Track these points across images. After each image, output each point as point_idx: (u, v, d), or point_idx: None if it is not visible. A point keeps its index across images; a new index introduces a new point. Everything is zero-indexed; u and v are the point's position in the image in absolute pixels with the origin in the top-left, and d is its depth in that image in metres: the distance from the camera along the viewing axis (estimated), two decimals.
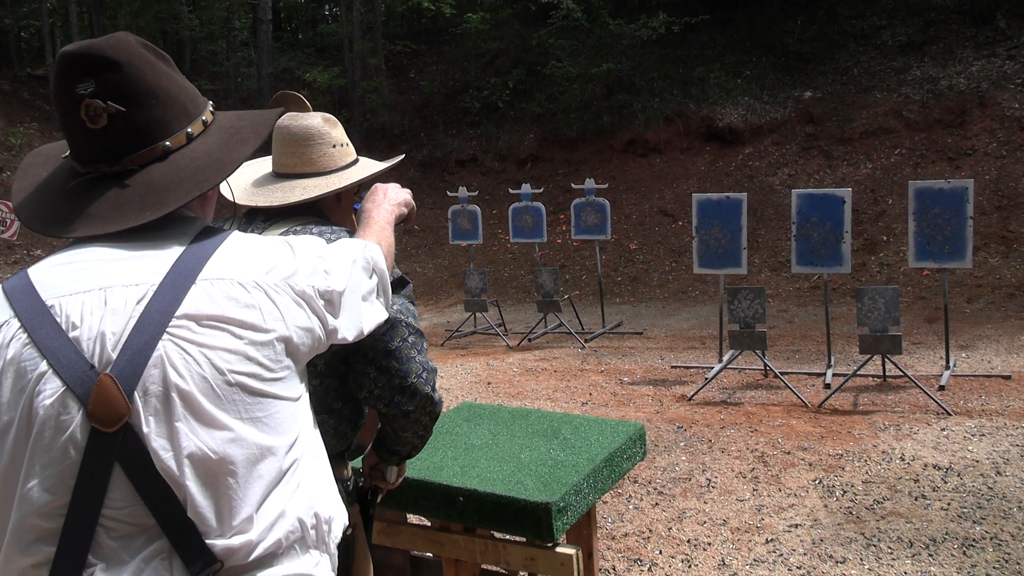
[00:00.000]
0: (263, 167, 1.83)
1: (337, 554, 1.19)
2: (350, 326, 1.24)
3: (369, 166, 1.83)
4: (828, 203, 5.75)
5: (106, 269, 1.05)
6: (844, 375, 5.60)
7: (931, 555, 3.28)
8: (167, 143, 1.13)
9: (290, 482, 1.08)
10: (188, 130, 1.16)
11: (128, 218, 1.09)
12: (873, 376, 5.74)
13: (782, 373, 5.76)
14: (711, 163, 11.97)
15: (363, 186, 1.84)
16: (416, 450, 1.77)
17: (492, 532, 2.13)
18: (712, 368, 6.09)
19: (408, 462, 2.19)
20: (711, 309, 8.74)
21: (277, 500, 1.06)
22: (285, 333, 1.09)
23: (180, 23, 17.91)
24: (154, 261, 1.07)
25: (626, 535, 3.63)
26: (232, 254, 1.11)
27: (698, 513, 3.80)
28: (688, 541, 3.54)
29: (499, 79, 14.56)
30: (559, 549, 1.97)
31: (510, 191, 9.19)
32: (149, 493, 0.98)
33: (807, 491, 3.96)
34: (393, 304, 1.56)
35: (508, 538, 2.08)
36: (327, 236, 1.61)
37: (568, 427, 2.45)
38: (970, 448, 4.35)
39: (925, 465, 4.16)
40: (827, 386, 5.61)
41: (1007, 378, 5.60)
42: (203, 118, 1.20)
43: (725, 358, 6.14)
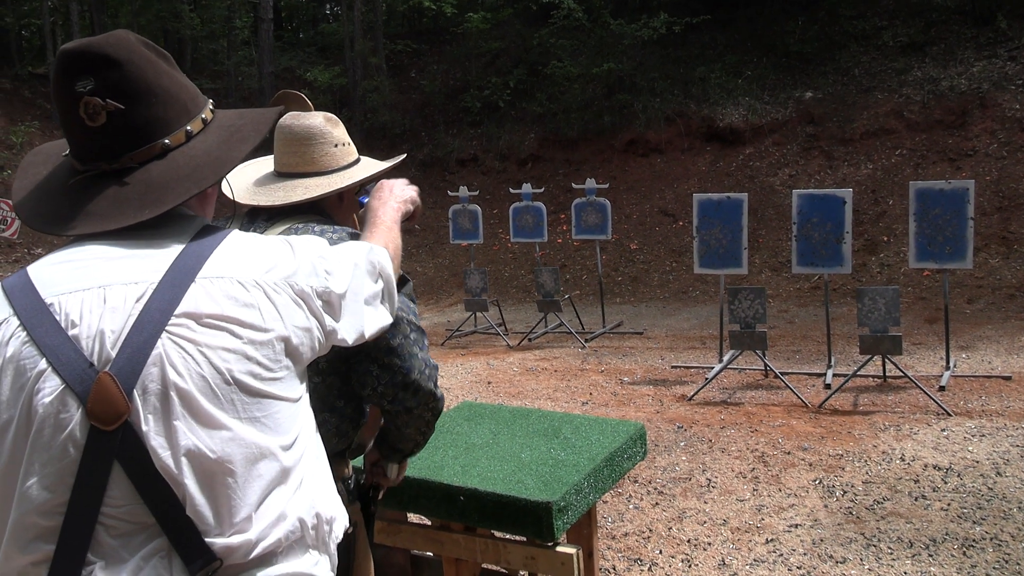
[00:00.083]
0: (265, 166, 1.83)
1: (337, 554, 1.19)
2: (350, 329, 1.23)
3: (371, 165, 1.83)
4: (829, 203, 5.76)
5: (105, 267, 1.05)
6: (844, 375, 5.60)
7: (931, 555, 3.28)
8: (166, 141, 1.13)
9: (290, 482, 1.08)
10: (188, 128, 1.16)
11: (127, 216, 1.09)
12: (873, 376, 5.74)
13: (782, 373, 5.77)
14: (712, 163, 11.97)
15: (364, 185, 1.85)
16: (419, 447, 1.78)
17: (492, 531, 2.13)
18: (712, 368, 6.09)
19: (409, 460, 2.20)
20: (711, 309, 8.74)
21: (277, 500, 1.06)
22: (284, 333, 1.09)
23: (181, 22, 17.91)
24: (154, 259, 1.06)
25: (626, 535, 3.64)
26: (232, 252, 1.10)
27: (698, 513, 3.80)
28: (688, 541, 3.55)
29: (500, 79, 14.56)
30: (559, 548, 1.97)
31: (511, 191, 9.19)
32: (148, 491, 0.98)
33: (807, 491, 3.96)
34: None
35: (508, 537, 2.08)
36: (329, 235, 1.62)
37: (569, 427, 2.46)
38: (970, 449, 4.35)
39: (925, 465, 4.16)
40: (827, 386, 5.62)
41: (1007, 379, 5.60)
42: (203, 116, 1.20)
43: (725, 358, 6.14)
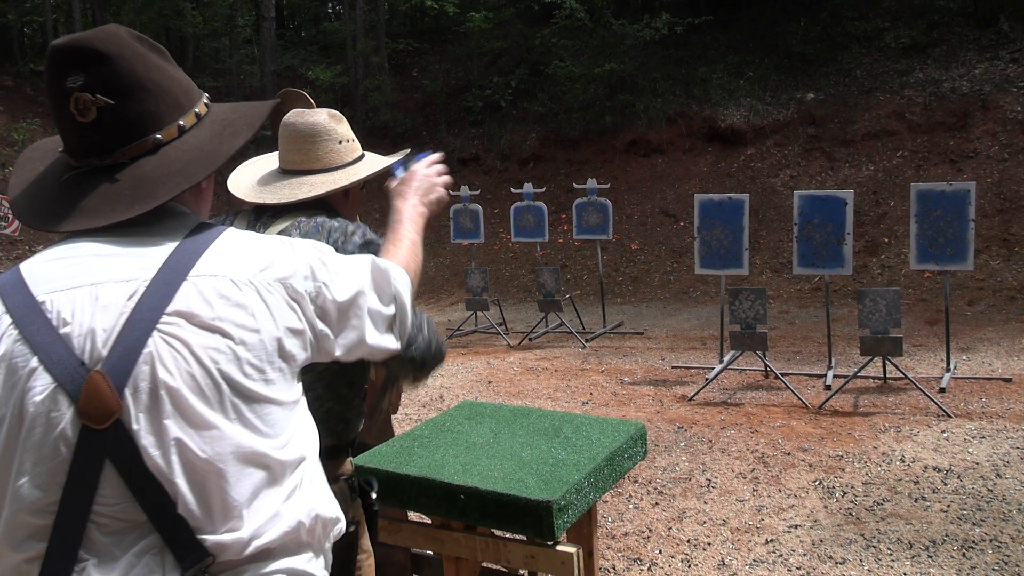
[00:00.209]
0: (270, 163, 1.83)
1: (332, 555, 1.18)
2: (343, 341, 1.20)
3: (375, 162, 1.83)
4: (830, 205, 5.76)
5: (98, 264, 1.04)
6: (845, 377, 5.60)
7: (931, 557, 3.28)
8: (158, 136, 1.12)
9: (285, 484, 1.07)
10: (180, 123, 1.15)
11: (118, 212, 1.07)
12: (874, 378, 5.74)
13: (783, 374, 5.77)
14: (713, 164, 11.97)
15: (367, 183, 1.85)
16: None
17: (493, 530, 2.13)
18: (713, 369, 6.10)
19: (409, 460, 2.20)
20: (712, 310, 8.74)
21: (271, 500, 1.05)
22: (276, 334, 1.07)
23: (183, 20, 17.89)
24: (146, 257, 1.06)
25: (626, 534, 3.64)
26: (226, 251, 1.09)
27: (698, 513, 3.81)
28: (688, 541, 3.55)
29: (502, 78, 14.56)
30: (560, 548, 1.97)
31: (512, 190, 9.19)
32: (140, 490, 0.97)
33: (807, 492, 3.96)
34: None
35: (509, 536, 2.08)
36: (334, 227, 1.63)
37: (569, 426, 2.45)
38: (970, 450, 4.35)
39: (925, 467, 4.16)
40: (828, 387, 5.62)
41: (1008, 381, 5.60)
42: (196, 110, 1.18)
43: (726, 359, 6.14)
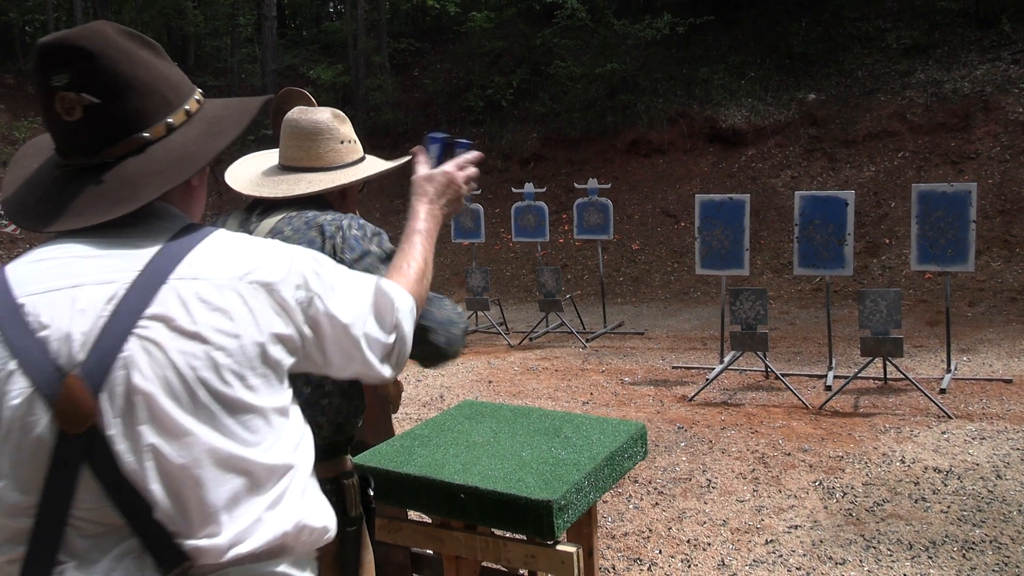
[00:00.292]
0: (270, 159, 1.83)
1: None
2: (334, 360, 1.17)
3: (375, 164, 1.83)
4: (831, 205, 5.76)
5: (80, 266, 1.03)
6: (845, 377, 5.60)
7: (931, 557, 3.28)
8: (145, 135, 1.09)
9: (268, 492, 1.05)
10: (169, 120, 1.12)
11: (101, 212, 1.05)
12: (874, 378, 5.74)
13: (783, 375, 5.76)
14: (714, 164, 11.96)
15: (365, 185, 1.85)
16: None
17: (493, 529, 2.13)
18: (713, 369, 6.09)
19: (409, 459, 2.20)
20: (713, 310, 8.74)
21: (252, 507, 1.03)
22: (258, 339, 1.04)
23: (184, 19, 17.89)
24: (129, 258, 1.03)
25: (626, 534, 3.64)
26: (210, 253, 1.06)
27: (698, 513, 3.81)
28: (688, 541, 3.55)
29: (503, 78, 14.56)
30: (560, 547, 1.97)
31: (513, 190, 9.19)
32: (117, 494, 0.96)
33: (807, 492, 3.96)
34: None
35: (509, 536, 2.08)
36: (327, 222, 1.63)
37: (569, 426, 2.45)
38: (970, 451, 4.35)
39: (925, 468, 4.16)
40: (828, 388, 5.61)
41: (1008, 382, 5.60)
42: (186, 108, 1.15)
43: (726, 359, 6.14)
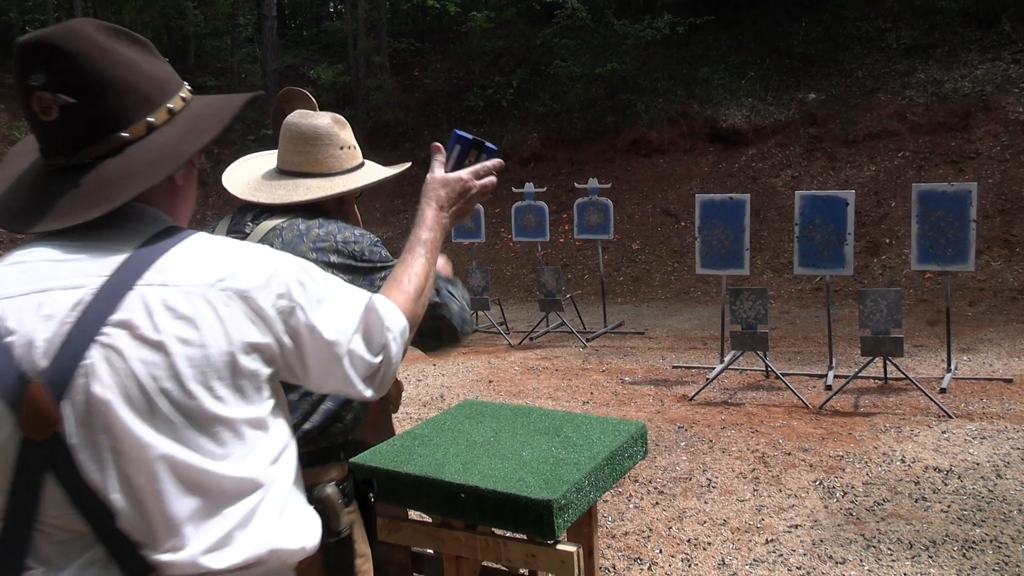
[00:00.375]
0: (268, 161, 1.82)
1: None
2: (313, 376, 1.14)
3: (375, 171, 1.81)
4: (831, 205, 5.76)
5: (50, 270, 1.00)
6: (845, 377, 5.60)
7: (931, 557, 3.28)
8: (124, 134, 1.06)
9: (236, 508, 1.02)
10: (150, 119, 1.08)
11: (77, 214, 1.02)
12: (874, 378, 5.74)
13: (783, 374, 5.77)
14: (714, 164, 11.96)
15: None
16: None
17: (493, 529, 2.13)
18: (713, 368, 6.09)
19: (410, 459, 2.20)
20: (713, 310, 8.74)
21: (219, 523, 1.00)
22: (227, 349, 1.00)
23: (185, 19, 17.91)
24: (100, 262, 1.00)
25: (626, 534, 3.64)
26: (183, 258, 1.03)
27: (698, 513, 3.81)
28: (688, 540, 3.55)
29: (503, 78, 14.56)
30: (560, 547, 1.97)
31: (513, 190, 9.19)
32: (81, 502, 0.95)
33: (807, 492, 3.96)
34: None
35: (509, 535, 2.08)
36: (319, 237, 1.63)
37: (570, 425, 2.45)
38: (971, 451, 4.35)
39: (926, 467, 4.16)
40: (828, 388, 5.61)
41: (1008, 381, 5.60)
42: (170, 106, 1.10)
43: (726, 359, 6.14)
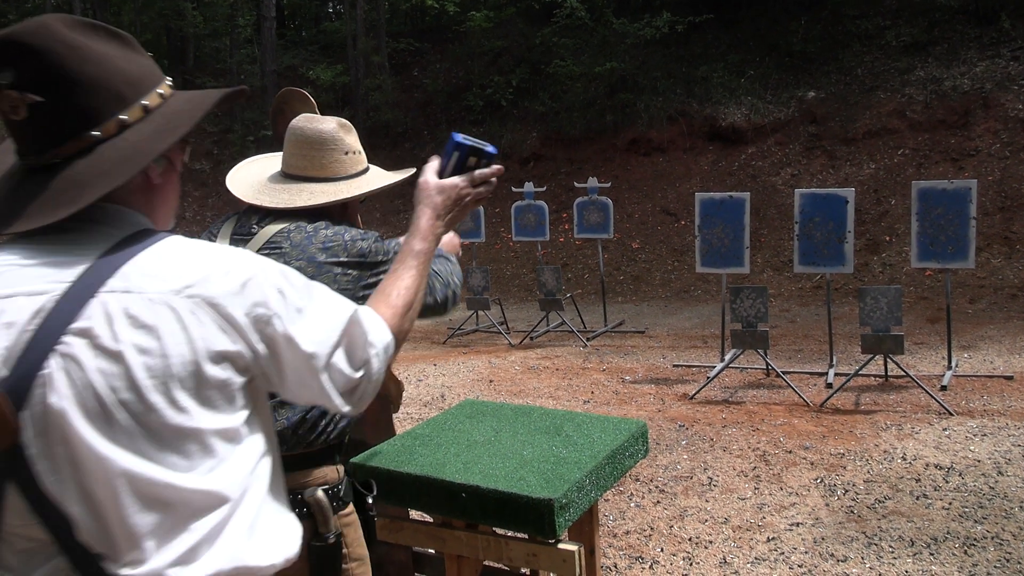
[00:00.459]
0: (272, 164, 1.81)
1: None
2: (290, 387, 1.11)
3: (379, 177, 1.80)
4: (831, 203, 5.75)
5: (16, 275, 0.98)
6: (846, 375, 5.60)
7: (932, 554, 3.28)
8: (95, 133, 1.02)
9: (201, 522, 1.00)
10: (122, 117, 1.04)
11: (45, 215, 0.99)
12: (875, 376, 5.74)
13: (784, 372, 5.76)
14: (714, 162, 11.96)
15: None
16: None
17: (494, 528, 2.14)
18: (714, 367, 6.09)
19: (410, 458, 2.20)
20: (713, 308, 8.74)
21: (183, 537, 0.99)
22: (191, 358, 0.97)
23: (184, 20, 17.89)
24: (65, 267, 0.98)
25: (628, 533, 3.64)
26: (151, 263, 0.99)
27: (699, 511, 3.81)
28: (689, 539, 3.55)
29: (502, 77, 14.55)
30: (561, 546, 1.97)
31: (513, 189, 9.19)
32: (41, 512, 0.94)
33: (808, 490, 3.96)
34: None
35: (510, 534, 2.08)
36: (328, 236, 1.63)
37: (571, 424, 2.45)
38: (972, 448, 4.35)
39: (927, 464, 4.16)
40: (829, 385, 5.61)
41: (1009, 379, 5.59)
42: (144, 103, 1.06)
43: (727, 357, 6.14)
